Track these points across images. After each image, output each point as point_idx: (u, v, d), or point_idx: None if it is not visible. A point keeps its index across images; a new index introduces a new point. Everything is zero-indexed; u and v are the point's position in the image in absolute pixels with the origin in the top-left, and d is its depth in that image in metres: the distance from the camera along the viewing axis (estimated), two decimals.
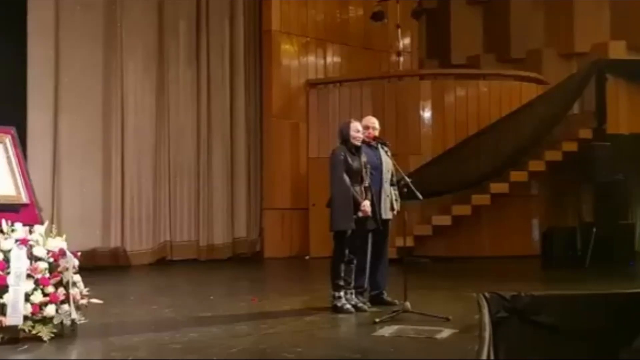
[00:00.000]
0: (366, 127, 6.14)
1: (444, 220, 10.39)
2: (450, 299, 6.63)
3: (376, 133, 6.23)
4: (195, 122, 10.61)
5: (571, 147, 10.51)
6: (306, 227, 10.99)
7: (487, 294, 4.84)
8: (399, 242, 8.55)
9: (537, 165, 10.53)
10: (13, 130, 5.70)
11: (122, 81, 9.68)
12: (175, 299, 6.79)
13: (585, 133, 10.56)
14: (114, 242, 9.52)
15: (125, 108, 9.71)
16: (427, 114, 10.97)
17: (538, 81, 11.38)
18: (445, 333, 4.91)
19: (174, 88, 10.41)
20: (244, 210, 11.00)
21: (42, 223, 5.14)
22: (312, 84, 11.41)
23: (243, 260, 10.66)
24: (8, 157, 5.56)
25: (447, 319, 5.34)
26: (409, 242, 9.45)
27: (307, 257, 10.79)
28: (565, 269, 8.93)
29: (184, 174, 10.51)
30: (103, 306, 5.29)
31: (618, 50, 11.24)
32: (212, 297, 6.88)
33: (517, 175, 10.47)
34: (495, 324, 4.51)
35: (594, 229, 9.33)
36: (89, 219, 9.28)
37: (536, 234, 10.57)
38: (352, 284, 5.94)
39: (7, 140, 5.42)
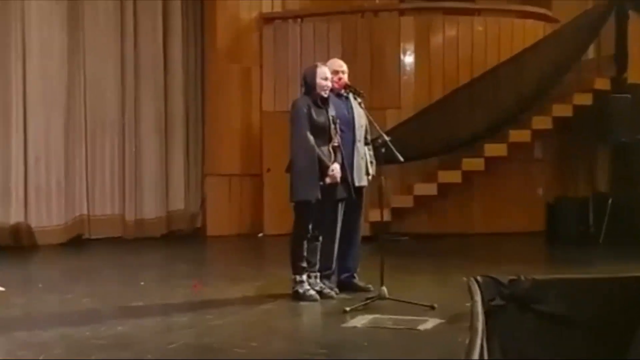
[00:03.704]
0: (334, 72, 6.19)
1: (429, 189, 10.53)
2: (436, 283, 6.79)
3: (346, 78, 6.29)
4: (118, 66, 10.49)
5: (584, 99, 10.69)
6: (259, 198, 11.03)
7: (479, 278, 4.99)
8: (374, 215, 8.67)
9: (542, 122, 10.70)
10: None
11: (22, 13, 9.50)
12: (95, 286, 6.83)
13: (602, 83, 10.74)
14: (15, 216, 9.44)
15: (27, 48, 9.55)
16: (408, 59, 11.02)
17: (546, 18, 11.51)
18: (430, 324, 5.04)
19: (91, 23, 10.25)
20: (181, 176, 10.99)
21: None
22: (267, 19, 11.34)
23: (180, 239, 10.68)
24: None
25: (432, 308, 5.47)
26: (386, 216, 9.56)
27: (260, 235, 10.86)
28: (575, 247, 9.18)
29: (104, 130, 10.43)
30: (4, 295, 5.30)
31: None
32: (142, 283, 6.93)
33: (517, 135, 10.63)
34: (490, 313, 4.66)
35: (610, 200, 9.58)
36: None
37: (540, 205, 10.78)
38: (317, 266, 6.04)
39: None
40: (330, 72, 6.13)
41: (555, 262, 8.71)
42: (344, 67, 6.33)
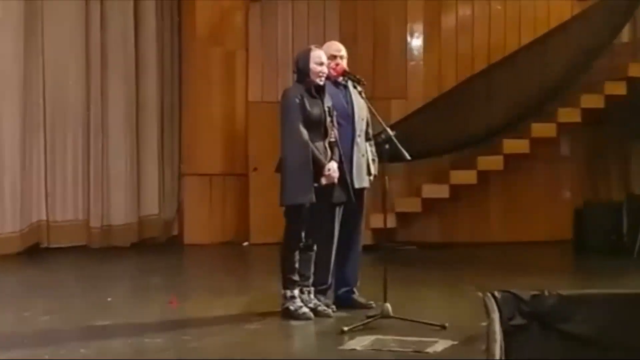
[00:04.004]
0: (331, 57, 6.19)
1: (439, 191, 10.54)
2: (447, 299, 6.81)
3: (344, 64, 6.29)
4: (82, 52, 10.48)
5: (617, 89, 10.71)
6: (245, 201, 11.04)
7: (497, 293, 4.99)
8: (377, 221, 8.68)
9: (569, 115, 10.72)
10: None
11: None
12: (56, 302, 6.82)
13: (637, 69, 10.77)
14: None
15: None
16: (416, 42, 11.04)
17: None
18: (440, 346, 5.06)
19: (51, 4, 10.25)
20: (154, 176, 11.00)
21: None
22: None
23: (154, 248, 10.68)
24: None
25: (443, 327, 5.49)
26: (390, 222, 9.57)
27: (245, 244, 10.88)
28: (606, 258, 9.19)
29: (66, 125, 10.43)
30: None
31: None
32: (110, 299, 6.93)
33: (541, 129, 10.66)
34: (509, 333, 4.67)
35: None
36: None
37: (567, 210, 10.81)
38: (311, 280, 6.04)
39: None
40: (327, 57, 6.13)
41: (584, 276, 8.71)
42: (343, 51, 6.33)
